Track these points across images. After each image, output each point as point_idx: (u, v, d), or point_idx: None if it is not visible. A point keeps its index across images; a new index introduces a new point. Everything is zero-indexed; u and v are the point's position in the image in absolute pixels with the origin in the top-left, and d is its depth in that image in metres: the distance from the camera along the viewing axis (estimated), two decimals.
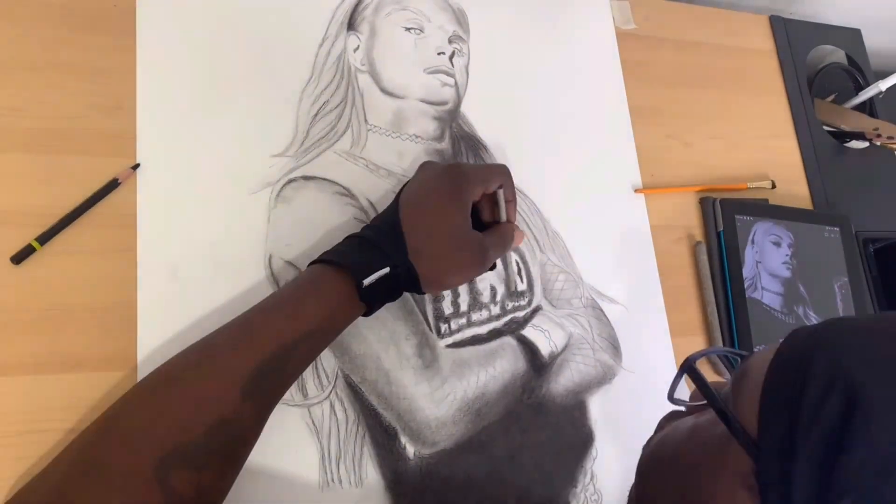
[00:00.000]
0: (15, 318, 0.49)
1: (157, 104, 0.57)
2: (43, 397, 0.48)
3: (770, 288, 0.73)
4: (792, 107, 0.87)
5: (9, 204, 0.52)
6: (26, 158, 0.53)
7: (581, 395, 0.62)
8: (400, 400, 0.55)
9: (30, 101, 0.54)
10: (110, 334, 0.51)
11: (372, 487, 0.53)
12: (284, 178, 0.59)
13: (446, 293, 0.60)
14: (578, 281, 0.67)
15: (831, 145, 0.87)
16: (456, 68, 0.68)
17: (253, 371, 0.44)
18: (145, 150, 0.56)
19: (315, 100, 0.62)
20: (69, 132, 0.55)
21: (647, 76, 0.79)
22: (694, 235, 0.74)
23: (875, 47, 1.01)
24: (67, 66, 0.56)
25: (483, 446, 0.57)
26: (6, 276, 0.50)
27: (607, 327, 0.66)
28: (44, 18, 0.57)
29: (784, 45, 0.90)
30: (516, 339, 0.62)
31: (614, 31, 0.79)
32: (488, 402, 0.58)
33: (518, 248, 0.65)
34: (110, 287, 0.52)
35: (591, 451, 0.61)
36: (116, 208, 0.54)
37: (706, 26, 0.86)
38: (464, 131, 0.67)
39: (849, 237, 0.80)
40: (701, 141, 0.80)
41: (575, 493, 0.59)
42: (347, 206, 0.60)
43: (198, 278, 0.54)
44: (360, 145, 0.63)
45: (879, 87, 0.89)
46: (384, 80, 0.65)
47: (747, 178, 0.80)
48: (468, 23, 0.71)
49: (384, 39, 0.66)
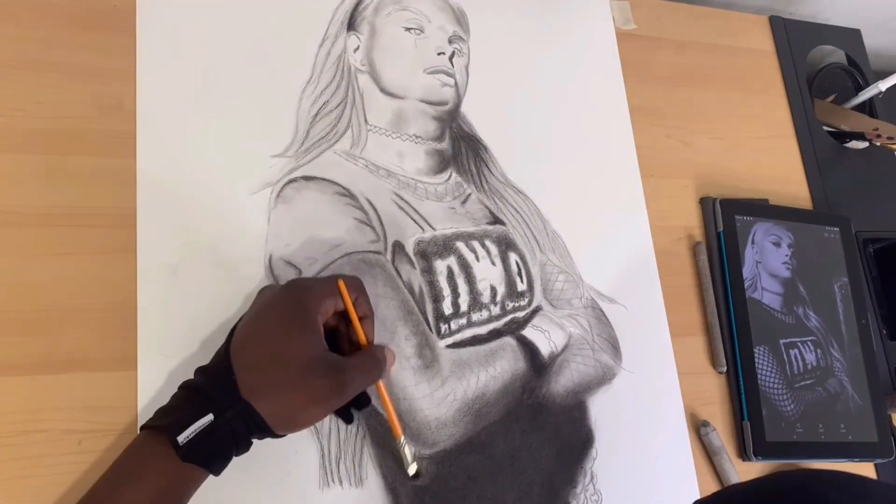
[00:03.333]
0: (15, 318, 0.49)
1: (157, 104, 0.57)
2: (43, 397, 0.48)
3: (770, 288, 0.73)
4: (792, 107, 0.87)
5: (9, 204, 0.52)
6: (26, 158, 0.53)
7: (581, 396, 0.62)
8: (400, 400, 0.55)
9: (30, 101, 0.54)
10: (110, 334, 0.51)
11: (372, 487, 0.53)
12: (284, 179, 0.59)
13: (447, 293, 0.60)
14: (578, 281, 0.67)
15: (831, 145, 0.87)
16: (456, 68, 0.68)
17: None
18: (145, 150, 0.56)
19: (315, 100, 0.62)
20: (69, 132, 0.55)
21: (647, 76, 0.79)
22: (694, 235, 0.74)
23: (875, 47, 1.01)
24: (67, 66, 0.56)
25: (483, 446, 0.57)
26: (6, 275, 0.50)
27: (607, 327, 0.66)
28: (44, 18, 0.57)
29: (784, 45, 0.90)
30: (516, 339, 0.62)
31: (614, 31, 0.79)
32: (488, 403, 0.58)
33: (518, 248, 0.65)
34: (110, 287, 0.52)
35: (591, 451, 0.61)
36: (116, 208, 0.54)
37: (706, 26, 0.86)
38: (464, 131, 0.67)
39: (849, 237, 0.80)
40: (701, 141, 0.80)
41: (575, 494, 0.59)
42: (347, 207, 0.60)
43: (198, 278, 0.54)
44: (360, 145, 0.63)
45: (879, 87, 0.89)
46: (384, 81, 0.65)
47: (747, 178, 0.80)
48: (468, 23, 0.71)
49: (384, 39, 0.66)
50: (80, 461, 0.48)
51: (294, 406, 0.42)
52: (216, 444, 0.41)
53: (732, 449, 0.67)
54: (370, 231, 0.59)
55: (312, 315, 0.44)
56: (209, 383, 0.43)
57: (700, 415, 0.67)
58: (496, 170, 0.67)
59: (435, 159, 0.65)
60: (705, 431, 0.65)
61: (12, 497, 0.46)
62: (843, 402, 0.72)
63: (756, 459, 0.66)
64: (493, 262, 0.63)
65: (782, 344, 0.71)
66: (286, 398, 0.42)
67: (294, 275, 0.56)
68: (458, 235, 0.63)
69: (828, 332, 0.75)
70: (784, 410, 0.68)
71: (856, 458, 0.71)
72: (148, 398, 0.50)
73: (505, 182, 0.67)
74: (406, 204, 0.62)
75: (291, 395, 0.42)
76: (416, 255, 0.60)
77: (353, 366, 0.45)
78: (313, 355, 0.43)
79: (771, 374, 0.69)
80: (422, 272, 0.60)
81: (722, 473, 0.64)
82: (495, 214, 0.65)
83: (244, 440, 0.42)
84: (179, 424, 0.40)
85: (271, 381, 0.42)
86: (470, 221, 0.64)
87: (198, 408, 0.41)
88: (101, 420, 0.49)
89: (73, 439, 0.48)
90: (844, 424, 0.71)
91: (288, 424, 0.44)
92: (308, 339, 0.43)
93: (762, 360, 0.69)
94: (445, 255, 0.61)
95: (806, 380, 0.71)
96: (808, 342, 0.73)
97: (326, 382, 0.43)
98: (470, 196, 0.65)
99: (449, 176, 0.65)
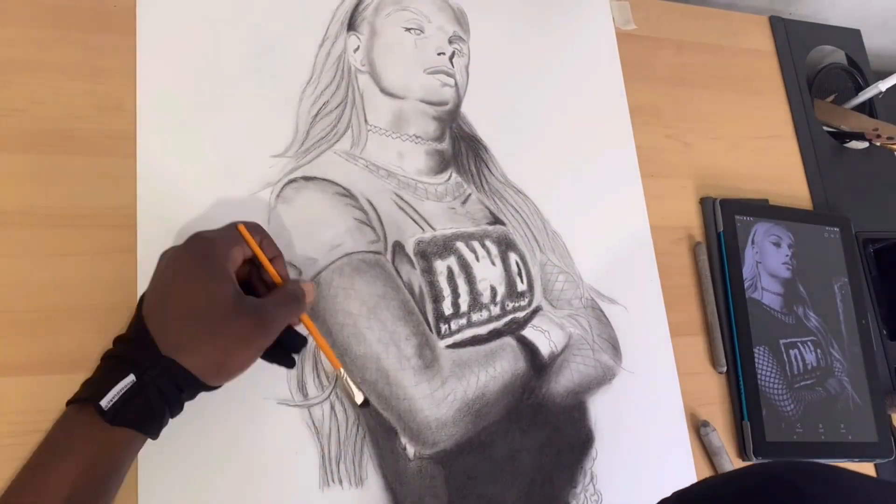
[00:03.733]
0: (15, 318, 0.49)
1: (157, 104, 0.57)
2: (43, 397, 0.48)
3: (770, 288, 0.74)
4: (792, 107, 0.87)
5: (9, 204, 0.52)
6: (26, 158, 0.53)
7: (581, 396, 0.62)
8: (400, 400, 0.55)
9: (30, 101, 0.54)
10: (110, 334, 0.51)
11: (372, 487, 0.53)
12: (285, 179, 0.59)
13: (447, 293, 0.60)
14: (578, 281, 0.67)
15: (831, 145, 0.87)
16: (456, 68, 0.68)
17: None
18: (145, 150, 0.56)
19: (315, 100, 0.62)
20: (69, 132, 0.55)
21: (647, 76, 0.79)
22: (694, 235, 0.74)
23: (875, 47, 1.01)
24: (68, 66, 0.56)
25: (483, 447, 0.57)
26: (6, 275, 0.50)
27: (607, 327, 0.66)
28: (44, 18, 0.57)
29: (784, 46, 0.90)
30: (516, 339, 0.62)
31: (614, 31, 0.79)
32: (488, 403, 0.58)
33: (518, 248, 0.65)
34: (110, 287, 0.52)
35: (590, 451, 0.61)
36: (116, 208, 0.54)
37: (706, 26, 0.86)
38: (464, 131, 0.67)
39: (849, 237, 0.80)
40: (701, 141, 0.80)
41: (575, 494, 0.59)
42: (347, 207, 0.60)
43: None
44: (360, 146, 0.63)
45: (879, 87, 0.89)
46: (384, 81, 0.65)
47: (747, 178, 0.80)
48: (468, 23, 0.71)
49: (384, 40, 0.66)
50: None
51: (219, 353, 0.42)
52: (144, 404, 0.40)
53: (732, 449, 0.67)
54: (370, 231, 0.59)
55: (220, 262, 0.44)
56: (127, 348, 0.42)
57: (700, 415, 0.67)
58: (496, 170, 0.67)
59: (435, 159, 0.65)
60: (705, 431, 0.65)
61: None
62: (842, 402, 0.72)
63: (756, 459, 0.66)
64: (493, 262, 0.63)
65: (782, 344, 0.71)
66: (209, 347, 0.41)
67: (294, 275, 0.56)
68: (458, 236, 0.63)
69: (828, 332, 0.75)
70: (784, 410, 0.68)
71: (856, 458, 0.71)
72: None
73: (505, 182, 0.67)
74: (406, 204, 0.62)
75: (213, 343, 0.42)
76: (417, 256, 0.60)
77: (271, 302, 0.45)
78: (227, 300, 0.42)
79: (771, 374, 0.69)
80: (422, 272, 0.60)
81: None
82: (495, 214, 0.65)
83: (175, 398, 0.42)
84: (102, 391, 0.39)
85: (190, 334, 0.41)
86: (470, 222, 0.64)
87: (119, 372, 0.40)
88: None
89: None
90: (844, 424, 0.71)
91: (218, 373, 0.43)
92: (220, 285, 0.43)
93: (762, 360, 0.69)
94: (445, 255, 0.61)
95: (806, 380, 0.71)
96: (808, 342, 0.73)
97: (246, 322, 0.43)
98: (470, 196, 0.65)
99: (449, 176, 0.65)
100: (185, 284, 0.43)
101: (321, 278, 0.56)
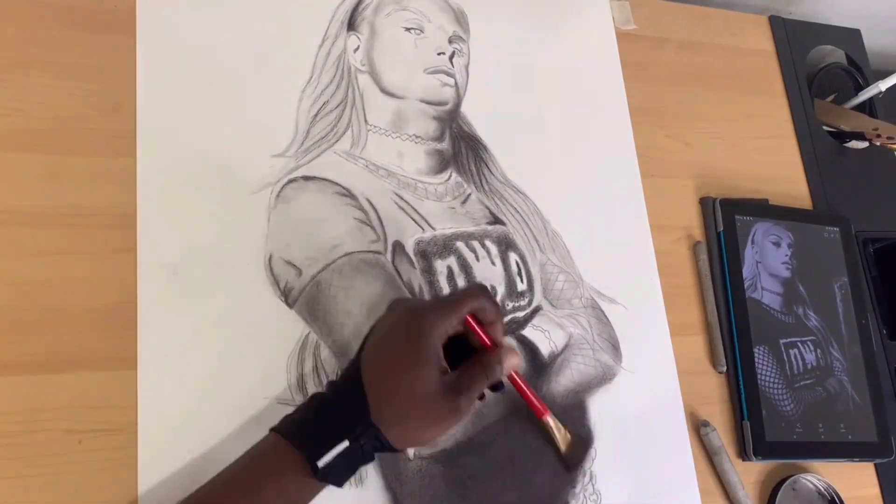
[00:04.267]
0: (15, 318, 0.50)
1: (157, 104, 0.57)
2: (43, 397, 0.49)
3: (770, 288, 0.74)
4: (792, 107, 0.87)
5: (9, 204, 0.52)
6: (26, 158, 0.53)
7: (581, 395, 0.62)
8: None
9: (30, 101, 0.54)
10: (110, 334, 0.51)
11: (372, 487, 0.53)
12: (284, 179, 0.59)
13: (447, 292, 0.60)
14: (578, 281, 0.67)
15: (831, 145, 0.87)
16: (456, 68, 0.68)
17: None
18: (145, 150, 0.56)
19: (315, 100, 0.62)
20: (69, 132, 0.55)
21: (647, 76, 0.79)
22: (694, 235, 0.74)
23: (875, 47, 1.01)
24: (68, 66, 0.56)
25: (483, 446, 0.57)
26: (6, 275, 0.50)
27: (607, 327, 0.66)
28: (44, 18, 0.57)
29: (784, 46, 0.90)
30: (516, 339, 0.62)
31: (614, 31, 0.79)
32: (488, 403, 0.58)
33: (518, 248, 0.65)
34: (110, 287, 0.52)
35: (590, 451, 0.61)
36: (116, 208, 0.54)
37: (706, 26, 0.86)
38: (464, 131, 0.67)
39: (849, 237, 0.80)
40: (701, 141, 0.80)
41: (574, 494, 0.59)
42: (347, 207, 0.60)
43: (198, 278, 0.54)
44: (360, 145, 0.63)
45: (879, 87, 0.89)
46: (384, 81, 0.65)
47: (747, 178, 0.80)
48: (468, 23, 0.71)
49: (384, 39, 0.66)
50: (81, 461, 0.48)
51: (417, 430, 0.47)
52: (350, 467, 0.45)
53: (732, 449, 0.67)
54: (370, 231, 0.59)
55: (428, 346, 0.47)
56: (344, 404, 0.46)
57: (700, 414, 0.67)
58: (496, 170, 0.67)
59: (435, 159, 0.65)
60: (705, 431, 0.65)
61: (12, 497, 0.46)
62: (842, 402, 0.72)
63: (756, 459, 0.66)
64: (493, 262, 0.63)
65: (782, 344, 0.71)
66: (412, 425, 0.46)
67: (294, 275, 0.56)
68: (458, 235, 0.63)
69: (828, 332, 0.75)
70: (784, 410, 0.68)
71: (856, 457, 0.71)
72: (148, 398, 0.50)
73: (505, 182, 0.67)
74: (406, 204, 0.62)
75: (412, 424, 0.46)
76: (416, 255, 0.60)
77: (466, 385, 0.48)
78: (433, 385, 0.46)
79: (771, 373, 0.69)
80: (422, 272, 0.60)
81: (722, 473, 0.64)
82: (495, 214, 0.65)
83: (370, 457, 0.46)
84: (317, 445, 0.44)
85: (397, 411, 0.45)
86: (470, 221, 0.64)
87: (335, 430, 0.44)
88: (101, 420, 0.49)
89: (73, 439, 0.48)
90: (844, 424, 0.71)
91: (410, 443, 0.50)
92: (423, 371, 0.46)
93: (762, 360, 0.69)
94: (445, 255, 0.61)
95: (806, 379, 0.71)
96: (807, 342, 0.73)
97: (445, 406, 0.47)
98: (470, 196, 0.65)
99: (449, 176, 0.65)
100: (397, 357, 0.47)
101: (321, 278, 0.56)
